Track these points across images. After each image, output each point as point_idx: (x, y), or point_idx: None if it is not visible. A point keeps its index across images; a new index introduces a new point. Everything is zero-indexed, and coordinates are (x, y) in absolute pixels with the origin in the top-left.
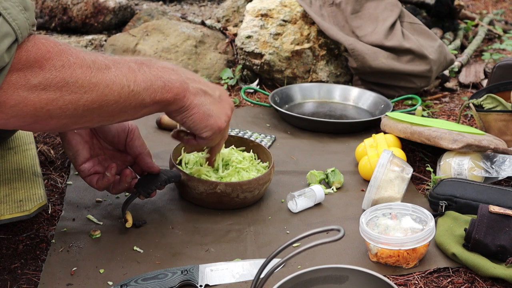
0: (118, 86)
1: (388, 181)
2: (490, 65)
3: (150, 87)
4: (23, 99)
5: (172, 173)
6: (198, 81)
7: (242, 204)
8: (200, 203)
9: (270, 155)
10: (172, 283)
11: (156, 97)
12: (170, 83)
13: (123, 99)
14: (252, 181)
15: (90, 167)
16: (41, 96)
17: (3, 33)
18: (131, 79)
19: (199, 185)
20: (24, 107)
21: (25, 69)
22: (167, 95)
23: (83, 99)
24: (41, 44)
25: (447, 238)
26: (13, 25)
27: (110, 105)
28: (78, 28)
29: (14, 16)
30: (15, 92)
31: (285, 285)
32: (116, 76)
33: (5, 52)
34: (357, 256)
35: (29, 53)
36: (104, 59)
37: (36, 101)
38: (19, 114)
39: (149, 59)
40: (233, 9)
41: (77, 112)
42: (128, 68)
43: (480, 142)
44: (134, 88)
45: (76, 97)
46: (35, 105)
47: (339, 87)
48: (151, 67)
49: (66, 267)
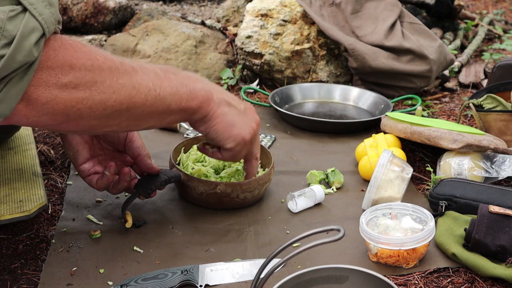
0: (145, 89)
1: (388, 181)
2: (490, 65)
3: (176, 93)
4: (54, 96)
5: (172, 173)
6: (222, 92)
7: (242, 204)
8: (200, 203)
9: (270, 155)
10: (172, 283)
11: (182, 103)
12: (195, 91)
13: (149, 103)
14: (252, 181)
15: (90, 167)
16: (72, 95)
17: (30, 28)
18: (157, 84)
19: (199, 185)
20: (56, 105)
21: (55, 67)
22: (192, 102)
23: (111, 100)
24: (69, 44)
25: (447, 238)
26: (39, 19)
27: (137, 107)
28: (78, 28)
29: (40, 11)
30: (46, 90)
31: (285, 285)
32: (142, 79)
33: (33, 46)
34: (357, 256)
35: (57, 52)
36: (131, 63)
37: (67, 99)
38: (50, 112)
39: (173, 67)
40: (233, 9)
41: (105, 113)
42: (154, 73)
43: (480, 142)
44: (161, 93)
45: (105, 97)
46: (66, 104)
47: (339, 87)
48: (177, 75)
49: (66, 267)
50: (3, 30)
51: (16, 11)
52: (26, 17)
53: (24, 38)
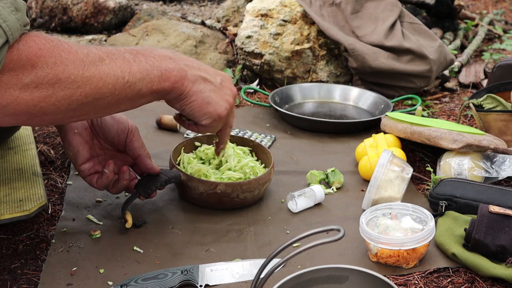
0: (113, 78)
1: (388, 181)
2: (490, 65)
3: (147, 77)
4: (15, 98)
5: (172, 173)
6: (198, 68)
7: (242, 204)
8: (200, 203)
9: (270, 155)
10: (172, 283)
11: (153, 86)
12: (168, 72)
13: (118, 91)
14: (252, 181)
15: (90, 167)
16: (33, 94)
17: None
18: (126, 70)
19: (199, 185)
20: (17, 106)
21: (16, 69)
22: (164, 84)
23: (76, 94)
24: (33, 42)
25: (447, 238)
26: (3, 26)
27: (105, 97)
28: (78, 28)
29: (5, 17)
30: (6, 92)
31: (285, 285)
32: (110, 68)
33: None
34: (357, 256)
35: (20, 52)
36: (98, 51)
37: (29, 99)
38: (12, 113)
39: (146, 48)
40: (233, 9)
41: (71, 107)
42: (122, 59)
43: (480, 142)
44: (130, 79)
45: (69, 92)
46: (28, 103)
47: (339, 87)
48: (147, 56)
49: (66, 267)
50: None
51: None
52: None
53: None
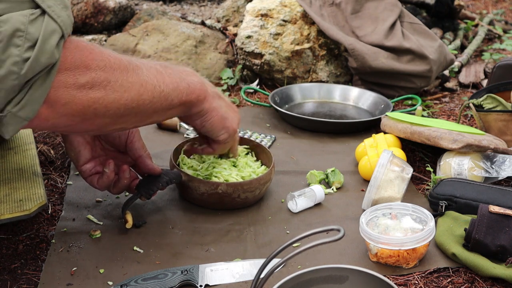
0: (151, 86)
1: (388, 181)
2: (490, 65)
3: (177, 88)
4: (73, 97)
5: (173, 174)
6: (212, 85)
7: (243, 204)
8: (201, 203)
9: (271, 155)
10: (172, 283)
11: (183, 97)
12: (193, 85)
13: (156, 99)
14: (253, 181)
15: (91, 168)
16: (88, 95)
17: (50, 30)
18: (160, 80)
19: (200, 185)
20: (74, 105)
21: (73, 69)
22: (191, 96)
23: (123, 98)
24: (83, 46)
25: (447, 238)
26: (58, 21)
27: (145, 104)
28: (78, 28)
29: (58, 13)
30: (65, 91)
31: (285, 285)
32: (148, 77)
33: (55, 48)
34: (357, 256)
35: (73, 53)
36: (135, 60)
37: (84, 99)
38: (69, 113)
39: (168, 62)
40: (233, 9)
41: (119, 111)
42: (156, 70)
43: (480, 142)
44: (164, 89)
45: (118, 96)
46: (84, 104)
47: (339, 87)
48: (174, 70)
49: (66, 267)
50: (26, 33)
51: (36, 14)
52: (46, 19)
53: (46, 41)
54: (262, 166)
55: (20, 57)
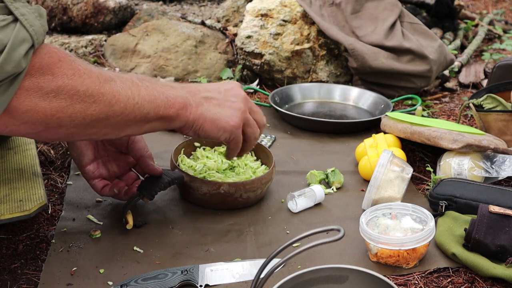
0: (124, 98)
1: (388, 181)
2: (490, 65)
3: (154, 101)
4: (35, 105)
5: (175, 174)
6: (198, 90)
7: (245, 203)
8: (203, 204)
9: (271, 154)
10: (172, 283)
11: (160, 112)
12: (172, 99)
13: (128, 111)
14: (255, 180)
15: (94, 169)
16: (52, 103)
17: (20, 39)
18: (136, 92)
19: (203, 186)
20: (35, 113)
21: (38, 75)
22: (169, 110)
23: (91, 108)
24: (53, 52)
25: (447, 238)
26: (30, 30)
27: (116, 116)
28: (78, 28)
29: (31, 22)
30: (27, 98)
31: (285, 285)
32: (122, 88)
33: (22, 57)
34: (357, 256)
35: (42, 60)
36: (108, 72)
37: (47, 108)
38: (30, 121)
39: (148, 77)
40: (233, 9)
41: (85, 122)
42: (131, 82)
43: (480, 142)
44: (139, 101)
45: (85, 106)
46: (46, 112)
47: (339, 87)
48: (152, 83)
49: (66, 267)
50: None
51: (7, 20)
52: (17, 27)
53: (14, 49)
54: (262, 165)
55: None
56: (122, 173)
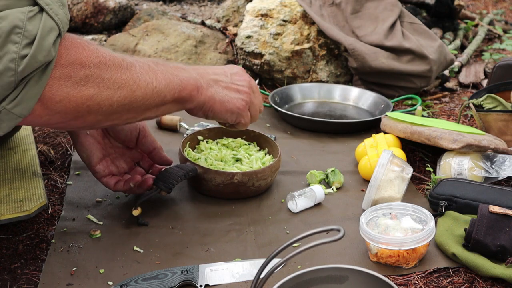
0: (144, 83)
1: (388, 181)
2: (490, 65)
3: (170, 84)
4: (67, 94)
5: (189, 167)
6: (206, 73)
7: (256, 192)
8: (216, 194)
9: (275, 143)
10: (172, 283)
11: (175, 94)
12: (185, 81)
13: (148, 96)
14: (266, 169)
15: (104, 168)
16: (82, 92)
17: (48, 28)
18: (153, 76)
19: (216, 176)
20: (68, 103)
21: (67, 66)
22: (183, 92)
23: (116, 95)
24: (77, 43)
25: (447, 238)
26: (56, 19)
27: (138, 101)
28: (78, 28)
29: (56, 11)
30: (60, 88)
31: (285, 285)
32: (141, 74)
33: (52, 46)
34: (357, 256)
35: (68, 50)
36: (128, 57)
37: (78, 96)
38: (62, 110)
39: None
40: (233, 9)
41: (112, 108)
42: (148, 66)
43: (480, 142)
44: (157, 85)
45: (111, 93)
46: (77, 101)
47: (339, 87)
48: (166, 66)
49: (66, 267)
50: (24, 30)
51: (34, 11)
52: (44, 17)
53: (43, 38)
54: (267, 155)
55: (17, 54)
56: (129, 168)
